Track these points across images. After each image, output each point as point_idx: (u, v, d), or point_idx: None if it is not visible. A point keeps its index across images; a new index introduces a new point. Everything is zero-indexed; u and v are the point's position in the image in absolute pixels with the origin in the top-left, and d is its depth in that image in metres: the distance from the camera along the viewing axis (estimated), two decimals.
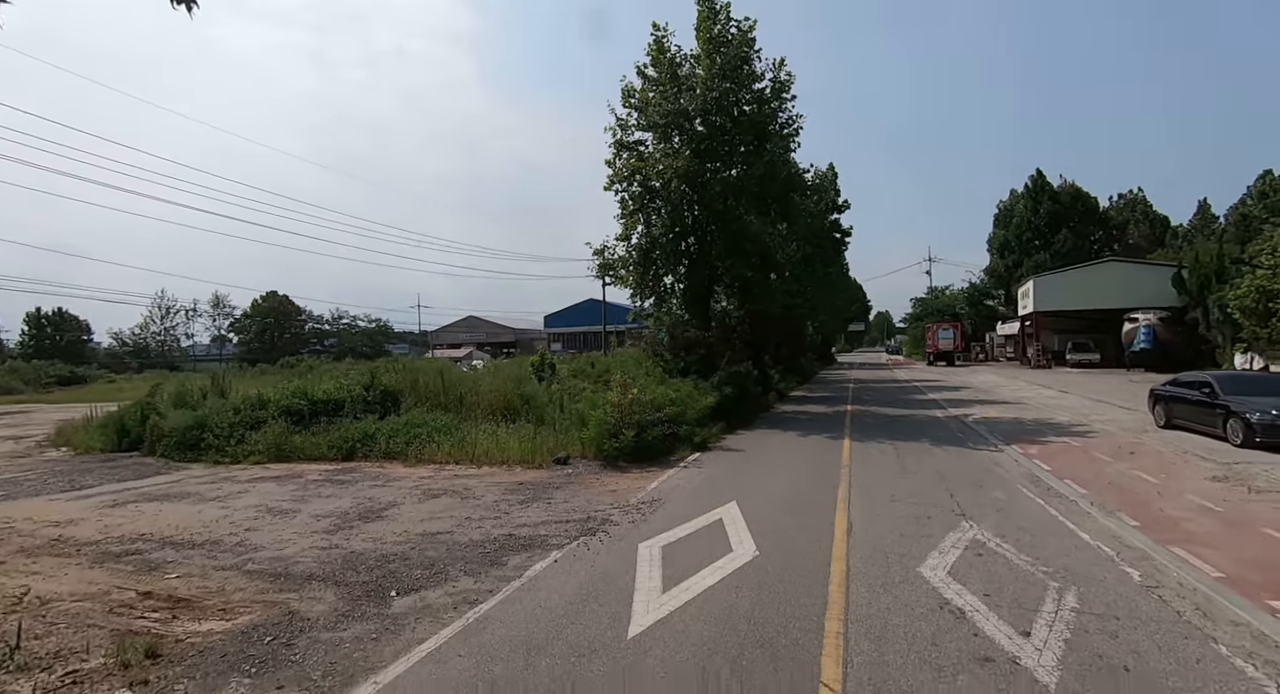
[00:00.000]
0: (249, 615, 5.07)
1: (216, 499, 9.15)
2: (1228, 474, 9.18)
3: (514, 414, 14.10)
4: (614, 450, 11.27)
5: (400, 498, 8.99)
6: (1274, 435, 10.41)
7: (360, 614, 5.07)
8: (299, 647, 4.52)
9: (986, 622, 4.59)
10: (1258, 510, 7.32)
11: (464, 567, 6.10)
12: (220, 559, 6.50)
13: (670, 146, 17.82)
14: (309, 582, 5.81)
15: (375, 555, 6.48)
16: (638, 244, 18.74)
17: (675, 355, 18.75)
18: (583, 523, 7.51)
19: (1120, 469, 9.83)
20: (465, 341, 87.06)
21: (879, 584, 5.37)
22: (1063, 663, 3.98)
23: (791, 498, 8.53)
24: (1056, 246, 57.95)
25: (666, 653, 4.27)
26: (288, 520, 7.91)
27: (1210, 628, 4.44)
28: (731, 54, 17.65)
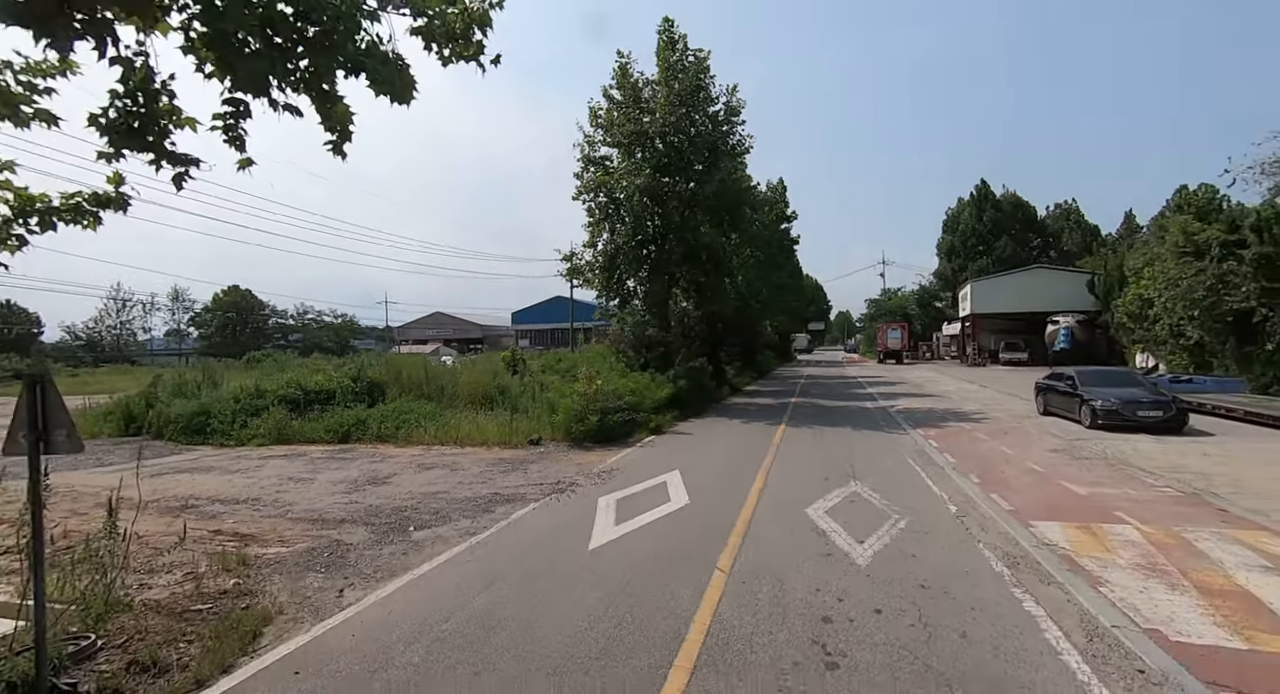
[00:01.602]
0: (304, 544, 6.79)
1: (239, 471, 10.69)
2: (1065, 447, 11.59)
3: (491, 403, 15.82)
4: (580, 433, 13.13)
5: (398, 470, 10.69)
6: (1111, 418, 12.91)
7: (389, 541, 6.84)
8: (350, 559, 6.28)
9: (838, 537, 6.63)
10: (1067, 470, 9.64)
11: (462, 513, 7.90)
12: (264, 511, 8.15)
13: (633, 163, 19.71)
14: (342, 524, 7.53)
15: (390, 507, 8.22)
16: (603, 250, 20.61)
17: (637, 352, 20.66)
18: (554, 485, 9.37)
19: (991, 446, 12.16)
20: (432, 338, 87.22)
21: (772, 518, 7.38)
22: (876, 555, 6.03)
23: (724, 468, 10.54)
24: (998, 252, 61.99)
25: (615, 556, 6.18)
26: (308, 485, 9.55)
27: (981, 535, 6.58)
28: (688, 81, 19.64)
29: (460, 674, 4.00)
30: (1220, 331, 18.81)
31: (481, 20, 4.10)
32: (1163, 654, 4.06)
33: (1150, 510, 7.37)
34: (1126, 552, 5.97)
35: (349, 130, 3.95)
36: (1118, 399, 13.06)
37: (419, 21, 3.99)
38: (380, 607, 5.13)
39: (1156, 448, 11.40)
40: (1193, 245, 19.44)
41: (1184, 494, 8.15)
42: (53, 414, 3.63)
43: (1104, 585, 5.19)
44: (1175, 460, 10.28)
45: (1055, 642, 4.27)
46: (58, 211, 4.36)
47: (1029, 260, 57.96)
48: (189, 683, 3.90)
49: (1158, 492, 8.32)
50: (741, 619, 4.69)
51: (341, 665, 4.14)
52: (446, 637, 4.52)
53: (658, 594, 5.18)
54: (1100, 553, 5.97)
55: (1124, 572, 5.48)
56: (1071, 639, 4.30)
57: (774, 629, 4.52)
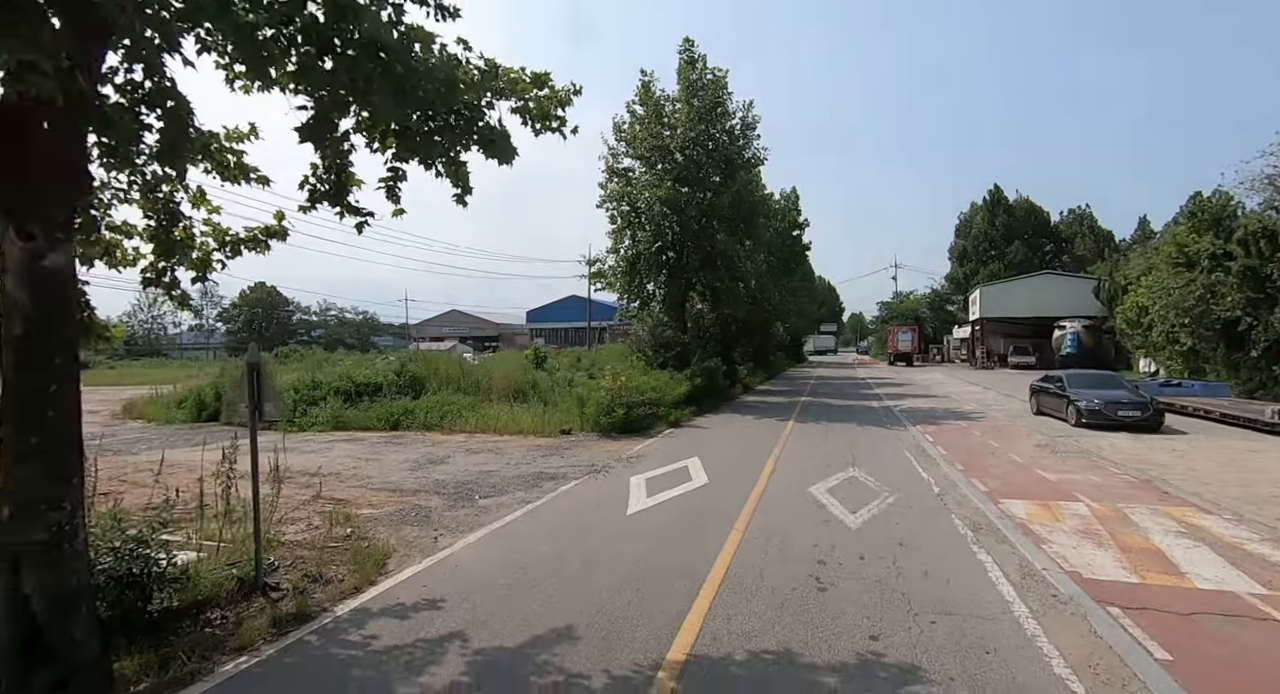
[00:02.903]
0: (391, 507, 8.23)
1: (313, 452, 12.19)
2: (1048, 443, 12.79)
3: (523, 396, 17.26)
4: (608, 424, 14.52)
5: (451, 453, 12.14)
6: (1094, 418, 14.07)
7: (460, 506, 8.26)
8: (433, 518, 7.71)
9: (835, 509, 7.94)
10: (1044, 461, 10.87)
11: (516, 487, 9.32)
12: (348, 482, 9.62)
13: (654, 175, 21.07)
14: (418, 492, 8.98)
15: (453, 482, 9.65)
16: (625, 256, 21.99)
17: (656, 351, 22.02)
18: (590, 467, 10.76)
19: (982, 441, 13.38)
20: (448, 335, 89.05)
21: (780, 495, 8.72)
22: (865, 522, 7.34)
23: (738, 456, 11.87)
24: (1010, 257, 62.64)
25: (649, 520, 7.55)
26: (378, 464, 11.02)
27: (955, 510, 7.86)
28: (708, 98, 20.96)
29: (545, 588, 5.38)
30: (1210, 339, 19.80)
31: (563, 101, 5.45)
32: (1074, 585, 5.35)
33: (1104, 492, 8.60)
34: (1072, 521, 7.24)
35: (469, 186, 5.33)
36: (1100, 400, 14.22)
37: (518, 103, 5.35)
38: (469, 550, 6.54)
39: (1130, 444, 12.58)
40: (1185, 256, 20.44)
41: (1138, 481, 9.37)
42: (265, 390, 5.07)
43: (1045, 544, 6.47)
44: (1143, 454, 11.46)
45: (995, 579, 5.57)
46: (243, 241, 5.80)
47: (1041, 266, 58.67)
48: (349, 589, 5.33)
49: (1117, 478, 9.54)
50: (753, 561, 6.03)
51: (453, 584, 5.54)
52: (527, 567, 5.92)
53: (687, 545, 6.55)
54: (1050, 522, 7.24)
55: (1065, 535, 6.75)
56: (1009, 577, 5.59)
57: (779, 567, 5.86)
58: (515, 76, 5.16)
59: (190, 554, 5.90)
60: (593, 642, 4.40)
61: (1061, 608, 4.95)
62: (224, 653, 4.25)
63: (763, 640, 4.41)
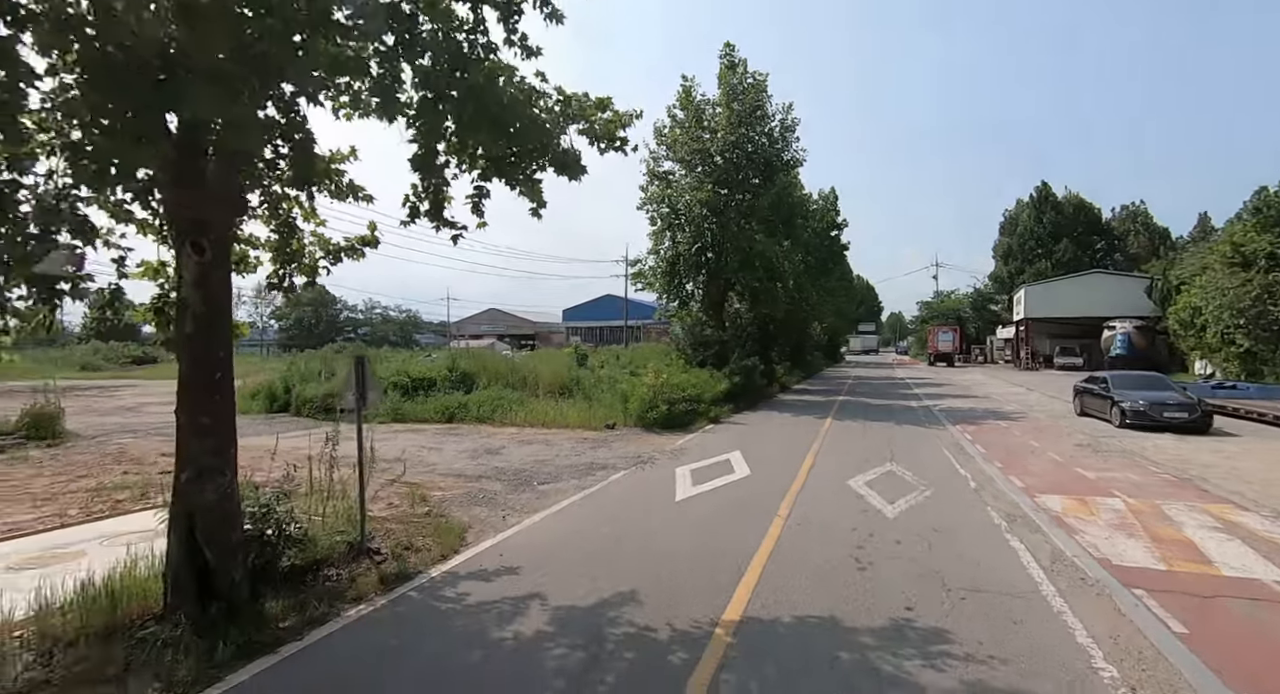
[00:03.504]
0: (459, 490, 9.01)
1: (380, 441, 12.99)
2: (1090, 443, 12.84)
3: (568, 393, 18.03)
4: (650, 420, 15.13)
5: (505, 444, 12.94)
6: (1139, 419, 14.00)
7: (522, 491, 8.98)
8: (499, 500, 8.45)
9: (874, 499, 8.37)
10: (1084, 460, 11.01)
11: (570, 474, 10.01)
12: (416, 468, 10.46)
13: (694, 177, 21.57)
14: (481, 478, 9.75)
15: (512, 469, 10.41)
16: (665, 256, 22.56)
17: (695, 350, 22.54)
18: (636, 458, 11.39)
19: (1022, 440, 13.50)
20: (486, 333, 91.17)
21: (820, 485, 9.18)
22: (902, 512, 7.76)
23: (778, 450, 12.33)
24: (1058, 255, 60.83)
25: (697, 506, 8.12)
26: (440, 452, 11.88)
27: (991, 502, 8.20)
28: (747, 101, 21.35)
29: (607, 560, 6.02)
30: (1268, 340, 19.22)
31: (625, 123, 6.07)
32: (1101, 569, 5.71)
33: (1141, 490, 8.79)
34: (1106, 515, 7.51)
35: (543, 200, 5.99)
36: (1145, 401, 14.13)
37: (584, 126, 5.98)
38: (536, 527, 7.24)
39: (1175, 445, 12.54)
40: (1240, 255, 19.86)
41: (1178, 479, 9.48)
42: (368, 382, 5.85)
43: (1077, 534, 6.79)
44: (1187, 455, 11.47)
45: (1026, 563, 5.96)
46: (344, 250, 6.60)
47: (1091, 264, 56.83)
48: (437, 557, 6.07)
49: (1157, 477, 9.67)
50: (796, 543, 6.55)
51: (526, 554, 6.23)
52: (589, 543, 6.57)
53: (733, 528, 7.10)
54: (1085, 515, 7.53)
55: (1098, 527, 7.05)
56: (1039, 562, 5.98)
57: (821, 549, 6.36)
58: (581, 101, 5.80)
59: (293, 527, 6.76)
60: (655, 604, 5.01)
61: (1088, 589, 5.33)
62: (345, 602, 5.02)
63: (807, 608, 4.94)
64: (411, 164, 4.84)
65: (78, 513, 7.63)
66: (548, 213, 5.91)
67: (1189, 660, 4.09)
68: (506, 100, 4.76)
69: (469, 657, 4.23)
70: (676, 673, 3.96)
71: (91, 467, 10.37)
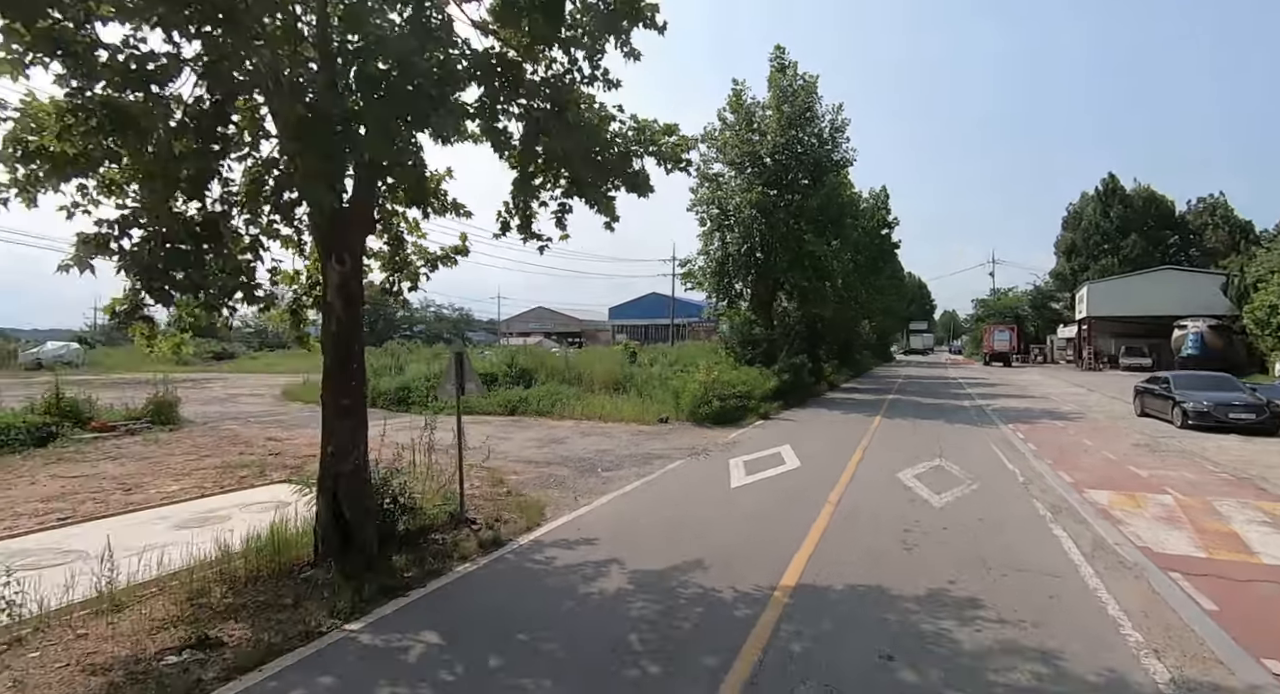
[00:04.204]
0: (531, 474, 9.89)
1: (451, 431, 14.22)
2: (1148, 443, 12.75)
3: (622, 388, 18.83)
4: (702, 415, 15.76)
5: (567, 435, 13.82)
6: (1202, 419, 13.74)
7: (588, 476, 9.79)
8: (567, 484, 9.27)
9: (921, 491, 8.79)
10: (1139, 459, 11.04)
11: (630, 463, 10.76)
12: (490, 455, 11.42)
13: (744, 179, 22.01)
14: (549, 464, 10.62)
15: (576, 457, 11.24)
16: (714, 256, 23.09)
17: (743, 348, 22.99)
18: (691, 449, 12.06)
19: (1076, 439, 13.49)
20: (534, 331, 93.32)
21: (869, 477, 9.64)
22: (949, 503, 8.17)
23: (827, 445, 12.77)
24: (1125, 251, 58.04)
25: (750, 494, 8.73)
26: (509, 441, 12.85)
27: (1038, 496, 8.50)
28: (798, 104, 21.64)
29: (673, 534, 6.72)
30: None
31: (689, 146, 6.75)
32: (1141, 556, 6.05)
33: (1195, 487, 8.89)
34: (1154, 510, 7.74)
35: (616, 215, 6.71)
36: (1210, 402, 13.86)
37: (653, 149, 6.67)
38: (605, 507, 8.01)
39: (1239, 446, 12.33)
40: None
41: (1235, 478, 9.49)
42: (467, 374, 6.73)
43: (1121, 525, 7.09)
44: (1250, 456, 11.31)
45: (1067, 549, 6.34)
46: (440, 259, 7.51)
47: (1162, 260, 53.97)
48: (523, 528, 6.91)
49: (1214, 476, 9.69)
50: (845, 529, 7.09)
51: (600, 529, 7.00)
52: (655, 521, 7.29)
53: (787, 512, 7.69)
54: (1132, 509, 7.77)
55: (1144, 520, 7.31)
56: (1080, 548, 6.34)
57: (869, 534, 6.89)
58: (651, 127, 6.50)
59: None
60: (719, 570, 5.68)
61: (1125, 571, 5.71)
62: (453, 561, 5.89)
63: (857, 579, 5.51)
64: (514, 187, 5.65)
65: (212, 486, 8.85)
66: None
67: (1213, 630, 4.49)
68: (595, 133, 5.51)
69: (563, 605, 5.01)
70: (742, 622, 4.63)
71: (211, 448, 11.77)
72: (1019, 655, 4.16)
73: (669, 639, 4.38)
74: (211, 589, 4.95)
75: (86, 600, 4.66)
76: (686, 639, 4.39)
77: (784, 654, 4.17)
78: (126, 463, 10.29)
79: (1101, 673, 3.95)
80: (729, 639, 4.36)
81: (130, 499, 8.09)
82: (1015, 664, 4.05)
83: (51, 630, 4.29)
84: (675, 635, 4.45)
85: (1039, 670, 3.98)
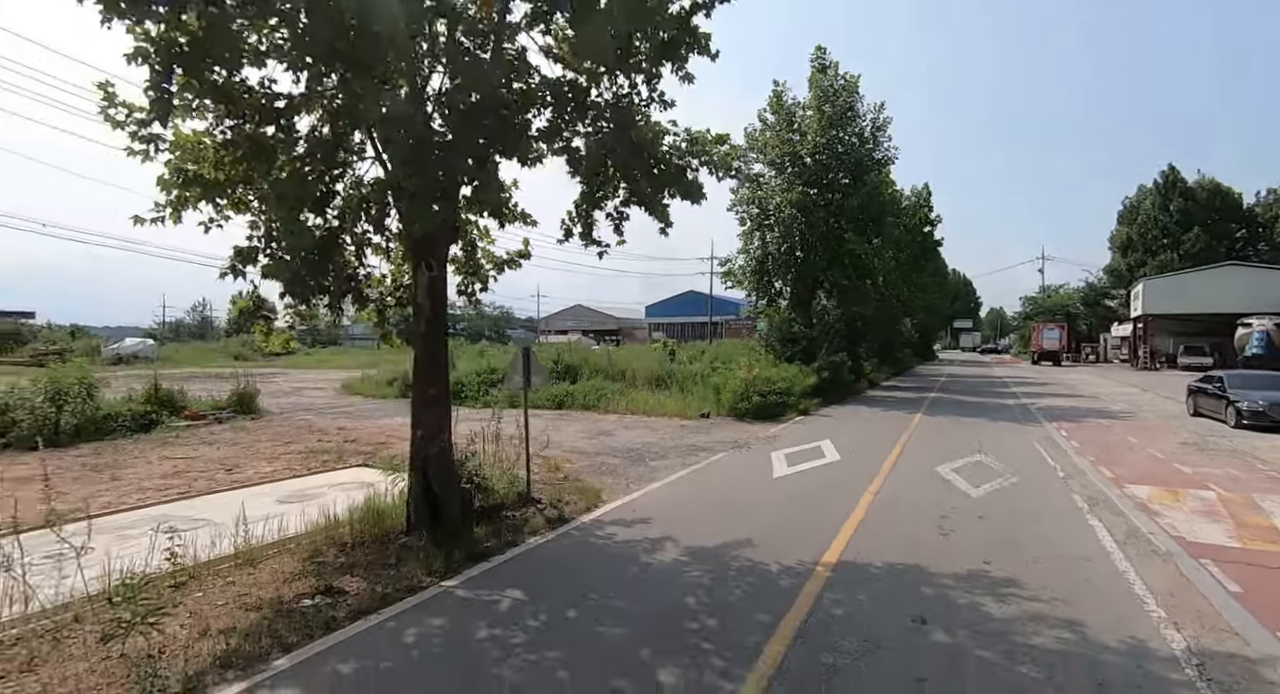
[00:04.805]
0: (585, 463, 10.57)
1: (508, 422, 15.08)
2: (1197, 441, 12.63)
3: (663, 385, 19.43)
4: (742, 410, 16.22)
5: (613, 428, 14.49)
6: (1257, 419, 13.47)
7: (637, 465, 10.41)
8: (619, 472, 9.91)
9: (959, 483, 9.11)
10: (1185, 457, 11.02)
11: (676, 454, 11.34)
12: (543, 446, 12.17)
13: (784, 179, 22.29)
14: (599, 454, 11.29)
15: (625, 448, 11.89)
16: (754, 256, 23.44)
17: (783, 346, 23.29)
18: (734, 443, 12.56)
19: (1121, 437, 13.44)
20: (571, 328, 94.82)
21: (908, 471, 9.98)
22: (986, 494, 8.48)
23: (867, 440, 13.09)
24: (1186, 246, 55.56)
25: (792, 483, 9.21)
26: (561, 433, 13.58)
27: (1076, 489, 8.72)
28: (838, 104, 21.79)
29: (722, 516, 7.27)
30: None
31: (738, 155, 7.28)
32: (1174, 544, 6.31)
33: (1240, 484, 8.94)
34: (1193, 504, 7.89)
35: (670, 221, 7.29)
36: (1266, 401, 13.58)
37: (704, 158, 7.21)
38: (656, 492, 8.62)
39: None
40: None
41: None
42: (534, 367, 7.43)
43: (1158, 517, 7.30)
44: None
45: (1101, 537, 6.63)
46: (506, 262, 8.23)
47: (1229, 255, 51.45)
48: (583, 509, 7.58)
49: (1261, 474, 9.67)
50: (884, 516, 7.51)
51: (654, 510, 7.60)
52: (704, 505, 7.86)
53: (827, 500, 8.15)
54: (1171, 503, 7.95)
55: (1182, 513, 7.50)
56: (1114, 537, 6.63)
57: (907, 521, 7.30)
58: (703, 138, 7.04)
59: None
60: (765, 547, 6.21)
61: (1156, 558, 6.00)
62: (524, 534, 6.58)
63: (895, 558, 5.96)
64: (582, 199, 6.30)
65: (300, 468, 9.82)
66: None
67: (1234, 608, 4.80)
68: (653, 148, 6.10)
69: (627, 571, 5.63)
70: (788, 590, 5.16)
71: (291, 435, 12.87)
72: (1045, 624, 4.58)
73: (723, 601, 4.95)
74: (325, 550, 5.76)
75: (226, 556, 5.52)
76: (739, 601, 4.95)
77: (827, 616, 4.69)
78: (221, 447, 11.43)
79: (1123, 640, 4.34)
80: (777, 603, 4.90)
81: (233, 478, 9.10)
82: (1041, 630, 4.47)
83: (205, 578, 5.14)
84: (728, 598, 5.01)
85: (1063, 636, 4.39)
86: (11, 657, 3.86)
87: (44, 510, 5.10)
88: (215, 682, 3.69)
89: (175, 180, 4.98)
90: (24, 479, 8.55)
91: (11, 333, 47.50)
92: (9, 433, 10.98)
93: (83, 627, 4.26)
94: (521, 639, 4.30)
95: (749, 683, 3.74)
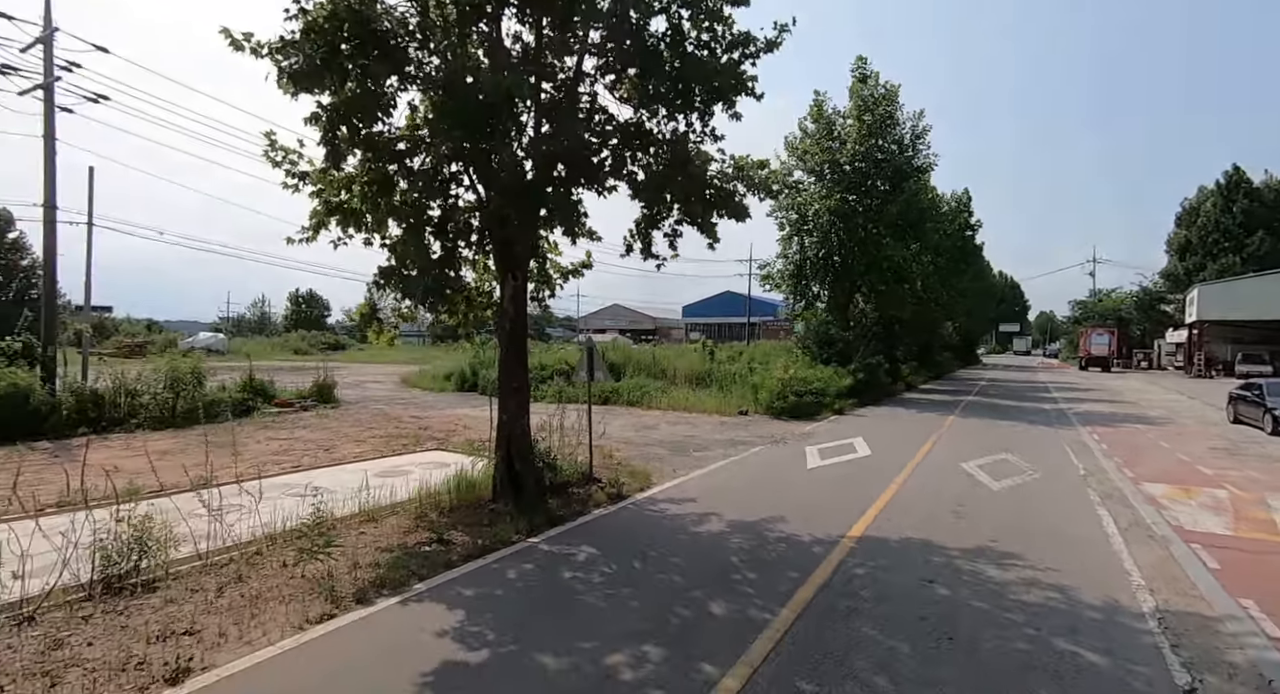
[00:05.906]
0: (632, 452, 11.66)
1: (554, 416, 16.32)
2: (1229, 447, 12.92)
3: (702, 383, 20.39)
4: (779, 409, 17.07)
5: (656, 422, 15.55)
6: None
7: (680, 455, 11.44)
8: (665, 460, 10.96)
9: (982, 477, 9.83)
10: (1212, 461, 11.41)
11: (717, 446, 12.33)
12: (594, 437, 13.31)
13: (823, 186, 22.95)
14: (646, 445, 12.37)
15: (669, 441, 12.94)
16: (793, 260, 24.16)
17: (820, 348, 23.94)
18: (771, 438, 13.47)
19: (1152, 441, 13.78)
20: (609, 327, 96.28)
21: (934, 464, 10.73)
22: (1006, 488, 9.21)
23: (898, 438, 13.80)
24: (1250, 249, 53.26)
25: (825, 473, 10.09)
26: (609, 425, 14.67)
27: (1094, 486, 9.35)
28: (878, 112, 22.34)
29: (758, 497, 8.25)
30: None
31: (777, 178, 8.26)
32: (1172, 532, 6.99)
33: (1256, 485, 9.40)
34: (1203, 500, 8.47)
35: (717, 236, 8.28)
36: None
37: (746, 181, 8.17)
38: (698, 479, 9.64)
39: None
40: None
41: None
42: (597, 363, 8.55)
43: (1165, 510, 7.94)
44: None
45: (1106, 526, 7.34)
46: (570, 272, 9.36)
47: None
48: (636, 488, 8.66)
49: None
50: (907, 500, 8.36)
51: (698, 491, 8.63)
52: (743, 488, 8.84)
53: (856, 486, 9.02)
54: (1181, 499, 8.54)
55: (1189, 507, 8.11)
56: (1117, 524, 7.33)
57: (927, 505, 8.13)
58: (746, 162, 8.02)
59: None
60: (798, 522, 7.16)
61: (1151, 542, 6.71)
62: (589, 506, 7.70)
63: (911, 535, 6.84)
64: (644, 221, 7.38)
65: (386, 449, 11.20)
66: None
67: (1207, 580, 5.55)
68: (704, 176, 7.13)
69: (679, 537, 6.68)
70: (817, 555, 6.12)
71: (370, 422, 14.37)
72: (1036, 587, 5.42)
73: (761, 560, 5.95)
74: (428, 513, 6.99)
75: (352, 514, 6.79)
76: (774, 561, 5.94)
77: (849, 574, 5.64)
78: (314, 431, 12.96)
79: (1102, 599, 5.15)
80: (807, 563, 5.87)
81: (332, 456, 10.51)
82: (1031, 591, 5.32)
83: (342, 530, 6.41)
84: (766, 558, 6.01)
85: (1050, 595, 5.24)
86: (226, 574, 5.16)
87: (195, 477, 6.49)
88: (375, 597, 4.89)
89: (323, 209, 6.26)
90: (164, 451, 10.14)
91: (97, 326, 51.73)
92: (139, 414, 12.73)
93: (264, 558, 5.55)
94: (599, 579, 5.40)
95: (782, 614, 4.74)
